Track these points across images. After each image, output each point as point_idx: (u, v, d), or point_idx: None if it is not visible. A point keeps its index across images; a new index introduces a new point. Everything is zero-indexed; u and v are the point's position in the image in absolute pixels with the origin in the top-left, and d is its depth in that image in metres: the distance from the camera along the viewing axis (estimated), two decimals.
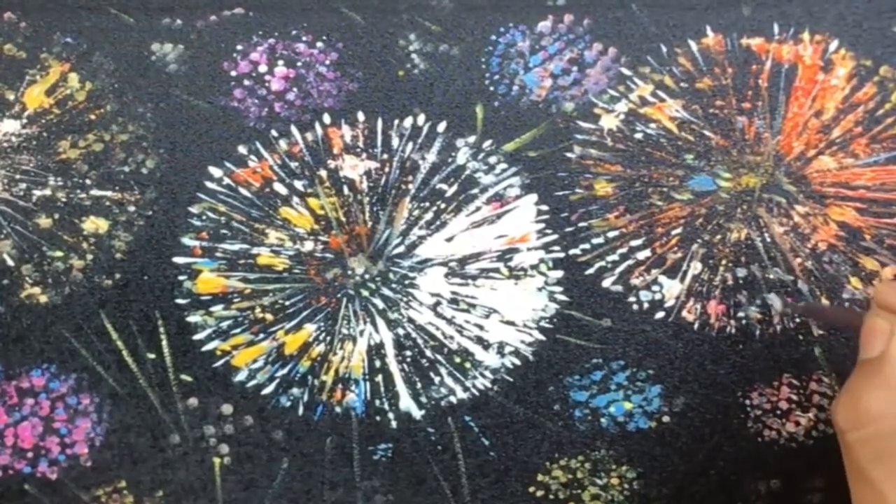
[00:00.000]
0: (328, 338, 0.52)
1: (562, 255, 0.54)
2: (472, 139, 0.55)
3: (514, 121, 0.55)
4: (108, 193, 0.54)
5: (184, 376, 0.52)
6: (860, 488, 0.37)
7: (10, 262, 0.53)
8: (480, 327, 0.53)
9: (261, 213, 0.54)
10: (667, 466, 0.51)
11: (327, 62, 0.56)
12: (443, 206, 0.54)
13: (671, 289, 0.53)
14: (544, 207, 0.54)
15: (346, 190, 0.54)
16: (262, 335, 0.53)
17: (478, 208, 0.54)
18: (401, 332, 0.53)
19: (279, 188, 0.54)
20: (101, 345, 0.52)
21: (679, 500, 0.51)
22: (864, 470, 0.36)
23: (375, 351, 0.52)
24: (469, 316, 0.53)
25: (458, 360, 0.52)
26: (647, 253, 0.54)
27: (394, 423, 0.52)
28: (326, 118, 0.55)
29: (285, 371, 0.52)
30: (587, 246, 0.54)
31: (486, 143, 0.55)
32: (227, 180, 0.54)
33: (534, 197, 0.54)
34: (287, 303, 0.53)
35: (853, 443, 0.37)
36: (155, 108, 0.55)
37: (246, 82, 0.56)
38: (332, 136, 0.55)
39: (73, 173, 0.54)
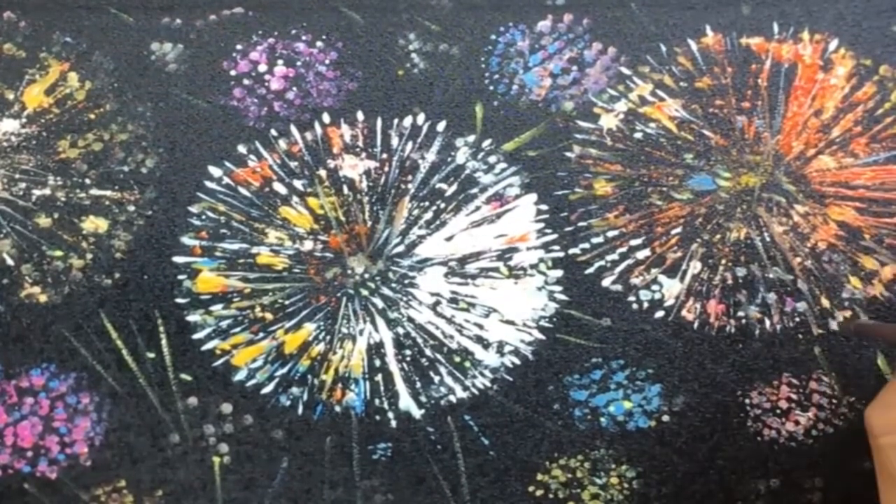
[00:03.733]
0: (328, 337, 0.52)
1: (561, 254, 0.54)
2: (471, 138, 0.55)
3: (513, 120, 0.55)
4: (108, 193, 0.54)
5: (183, 375, 0.52)
6: (889, 489, 0.39)
7: (10, 262, 0.53)
8: (480, 326, 0.53)
9: (260, 213, 0.54)
10: (666, 466, 0.51)
11: (327, 61, 0.56)
12: (442, 205, 0.54)
13: (671, 288, 0.53)
14: (544, 207, 0.54)
15: (345, 189, 0.54)
16: (261, 334, 0.52)
17: (477, 208, 0.54)
18: (400, 331, 0.53)
19: (279, 188, 0.54)
20: (101, 344, 0.52)
21: (679, 499, 0.51)
22: (895, 473, 0.38)
23: (375, 350, 0.52)
24: (469, 315, 0.53)
25: (457, 359, 0.52)
26: (646, 252, 0.54)
27: (393, 423, 0.52)
28: (326, 117, 0.55)
29: (285, 370, 0.52)
30: (587, 245, 0.54)
31: (486, 143, 0.55)
32: (226, 180, 0.54)
33: (533, 196, 0.54)
34: (287, 302, 0.53)
35: (885, 446, 0.39)
36: (154, 108, 0.55)
37: (245, 81, 0.56)
38: (331, 135, 0.55)
39: (72, 173, 0.54)
